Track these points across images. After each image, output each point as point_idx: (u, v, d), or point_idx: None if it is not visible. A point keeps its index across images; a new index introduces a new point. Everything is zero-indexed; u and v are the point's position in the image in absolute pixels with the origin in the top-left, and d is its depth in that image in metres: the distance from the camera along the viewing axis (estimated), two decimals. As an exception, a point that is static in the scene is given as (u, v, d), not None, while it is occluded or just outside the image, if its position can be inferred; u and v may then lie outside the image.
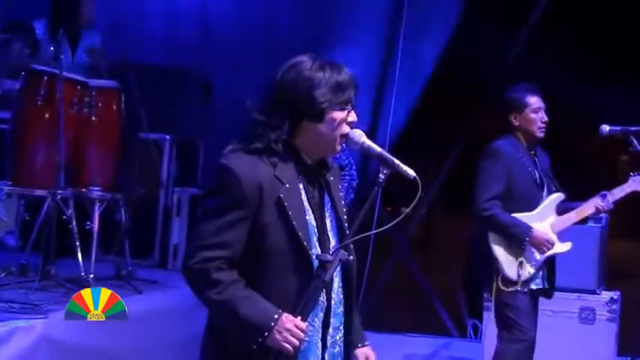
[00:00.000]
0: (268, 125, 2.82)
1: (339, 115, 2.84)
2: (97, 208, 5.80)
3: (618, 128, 4.81)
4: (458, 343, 7.47)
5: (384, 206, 8.54)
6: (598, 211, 5.06)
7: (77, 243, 5.68)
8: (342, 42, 7.35)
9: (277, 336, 2.71)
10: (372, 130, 7.98)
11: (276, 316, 2.72)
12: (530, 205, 5.08)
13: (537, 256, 5.02)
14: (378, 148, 2.89)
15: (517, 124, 5.11)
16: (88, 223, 5.78)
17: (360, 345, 3.01)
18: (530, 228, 4.98)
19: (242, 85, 7.17)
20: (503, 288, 4.98)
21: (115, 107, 5.92)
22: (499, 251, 5.01)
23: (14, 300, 4.96)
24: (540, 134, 5.11)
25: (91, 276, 5.65)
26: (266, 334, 2.71)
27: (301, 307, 2.75)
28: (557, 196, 5.11)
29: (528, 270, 5.01)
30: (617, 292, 6.41)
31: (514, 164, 5.04)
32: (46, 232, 5.60)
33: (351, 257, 2.87)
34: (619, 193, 4.99)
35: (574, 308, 6.33)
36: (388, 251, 8.90)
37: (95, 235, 5.79)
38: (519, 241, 4.97)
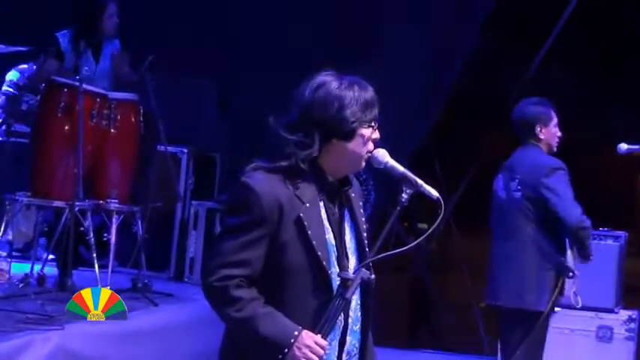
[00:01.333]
0: (297, 144, 2.81)
1: (367, 132, 2.85)
2: (114, 220, 5.81)
3: (637, 147, 4.79)
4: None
5: (401, 222, 8.53)
6: None
7: (94, 255, 5.70)
8: (363, 57, 7.33)
9: (297, 352, 2.71)
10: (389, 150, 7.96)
11: (296, 333, 2.72)
12: None
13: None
14: (401, 168, 2.89)
15: (542, 137, 5.11)
16: (106, 234, 5.80)
17: None
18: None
19: (259, 99, 7.18)
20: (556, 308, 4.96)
21: (133, 119, 5.95)
22: (574, 267, 4.98)
23: (31, 311, 4.97)
24: (556, 149, 5.14)
25: (108, 287, 5.65)
26: (286, 350, 2.71)
27: (322, 325, 2.75)
28: None
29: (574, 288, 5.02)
30: (636, 311, 6.38)
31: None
32: (63, 243, 5.62)
33: (372, 276, 2.85)
34: None
35: (591, 327, 6.30)
36: (404, 267, 8.89)
37: (112, 246, 5.80)
38: (589, 255, 4.95)
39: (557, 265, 4.90)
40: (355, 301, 2.88)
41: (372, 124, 2.86)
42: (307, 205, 2.80)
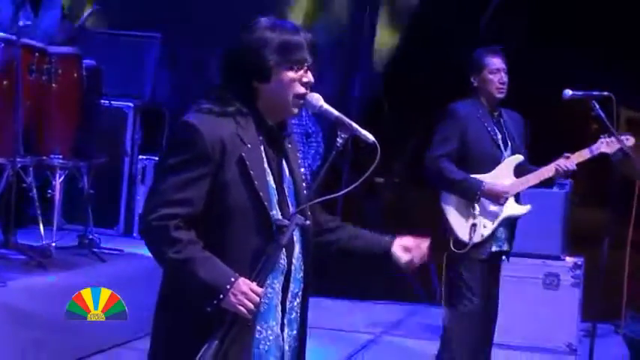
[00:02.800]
0: (227, 88, 2.82)
1: (288, 74, 2.81)
2: (58, 175, 5.74)
3: (580, 93, 4.78)
4: (427, 309, 7.47)
5: (357, 176, 8.52)
6: (558, 173, 4.95)
7: (38, 211, 5.64)
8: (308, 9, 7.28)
9: (232, 299, 2.68)
10: (340, 98, 7.93)
11: (232, 279, 2.69)
12: (489, 165, 5.02)
13: (494, 208, 4.95)
14: (335, 112, 2.85)
15: (476, 84, 5.09)
16: (50, 191, 5.73)
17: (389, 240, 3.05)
18: (481, 181, 4.93)
19: (207, 52, 7.10)
20: (454, 250, 4.93)
21: (75, 74, 5.85)
22: (450, 211, 4.98)
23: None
24: (499, 95, 5.08)
25: (53, 244, 5.62)
26: (221, 296, 2.68)
27: (258, 270, 2.72)
28: (515, 158, 5.05)
29: (481, 233, 4.95)
30: (581, 258, 6.45)
31: (470, 124, 5.00)
32: (4, 201, 5.54)
33: (308, 222, 2.83)
34: (585, 154, 4.92)
35: (538, 274, 6.36)
36: (360, 221, 8.90)
37: (57, 203, 5.74)
38: (472, 194, 4.90)
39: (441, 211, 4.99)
40: (298, 248, 2.87)
41: (296, 66, 2.81)
42: (249, 145, 2.78)
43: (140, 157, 7.03)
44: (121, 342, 5.51)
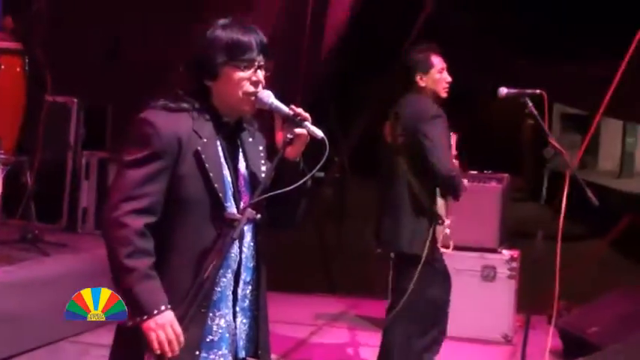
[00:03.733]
0: (181, 85, 2.92)
1: (236, 73, 2.90)
2: (0, 170, 5.73)
3: (515, 90, 4.91)
4: (368, 301, 7.58)
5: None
6: None
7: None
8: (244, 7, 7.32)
9: (151, 325, 2.76)
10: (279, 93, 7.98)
11: (162, 308, 2.77)
12: None
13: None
14: (286, 109, 2.92)
15: (423, 84, 5.15)
16: (-9, 186, 5.72)
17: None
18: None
19: (151, 48, 7.13)
20: (443, 250, 5.04)
21: (18, 69, 5.85)
22: (444, 214, 5.05)
23: None
24: (445, 94, 5.18)
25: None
26: (145, 317, 2.76)
27: (209, 262, 2.80)
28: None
29: (448, 231, 5.12)
30: (517, 251, 6.62)
31: (447, 125, 5.11)
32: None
33: (258, 216, 2.91)
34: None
35: (476, 266, 6.51)
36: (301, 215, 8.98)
37: (-1, 198, 5.73)
38: (460, 196, 5.00)
39: (429, 213, 5.02)
40: (249, 238, 2.96)
41: (243, 65, 2.90)
42: (205, 140, 2.87)
43: (84, 152, 7.03)
44: (65, 336, 5.53)
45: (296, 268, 8.30)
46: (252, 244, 2.98)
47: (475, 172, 6.55)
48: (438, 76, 5.13)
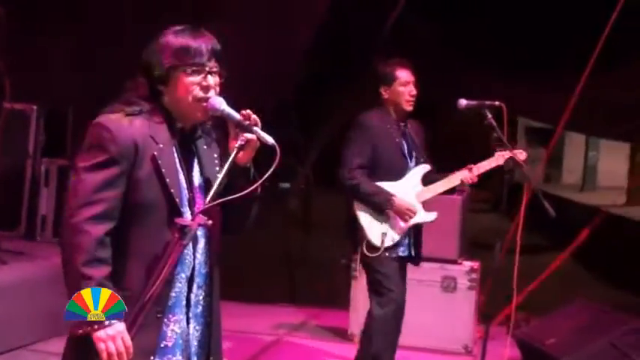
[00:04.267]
0: (134, 90, 2.91)
1: (186, 78, 2.89)
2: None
3: (474, 102, 4.95)
4: (329, 311, 7.58)
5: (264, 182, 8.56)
6: (463, 183, 5.25)
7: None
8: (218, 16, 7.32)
9: (102, 335, 2.74)
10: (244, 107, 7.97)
11: (114, 321, 2.75)
12: (397, 174, 5.21)
13: (401, 224, 5.16)
14: (237, 115, 2.91)
15: (386, 96, 5.22)
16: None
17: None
18: (391, 196, 5.11)
19: (113, 51, 7.08)
20: (367, 253, 5.12)
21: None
22: (364, 218, 5.14)
23: None
24: (409, 107, 5.23)
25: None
26: (95, 327, 2.74)
27: (160, 267, 2.78)
28: (423, 167, 5.26)
29: (392, 237, 5.14)
30: (477, 262, 6.65)
31: (380, 135, 5.15)
32: None
33: (210, 222, 2.90)
34: (485, 166, 5.17)
35: (437, 277, 6.53)
36: (266, 226, 8.96)
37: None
38: (381, 209, 5.11)
39: (353, 217, 5.14)
40: (203, 243, 2.95)
41: (191, 69, 2.89)
42: (161, 145, 2.87)
43: (43, 159, 6.97)
44: (23, 344, 5.48)
45: (259, 279, 8.28)
46: (205, 249, 2.97)
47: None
48: (401, 89, 5.19)
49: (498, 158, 5.11)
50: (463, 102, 4.98)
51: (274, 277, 8.78)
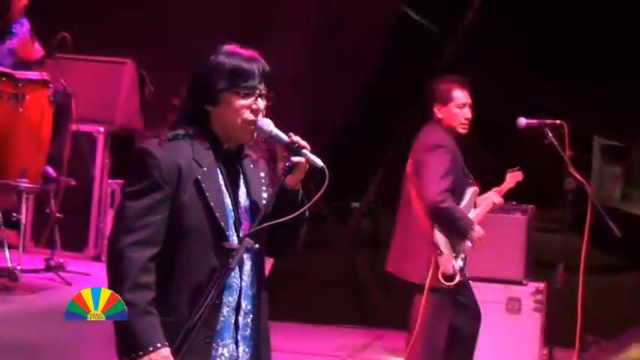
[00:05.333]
0: (181, 111, 2.91)
1: (236, 100, 2.89)
2: (24, 199, 5.77)
3: (535, 121, 4.88)
4: (393, 333, 7.50)
5: (331, 202, 8.57)
6: (495, 206, 5.17)
7: (4, 235, 5.67)
8: (279, 35, 7.36)
9: None
10: (312, 127, 8.00)
11: (158, 345, 2.75)
12: (461, 196, 5.13)
13: (466, 248, 5.07)
14: (285, 137, 2.91)
15: (440, 115, 5.13)
16: (15, 214, 5.76)
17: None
18: (472, 222, 5.03)
19: (179, 76, 7.15)
20: (443, 282, 4.96)
21: (43, 99, 5.89)
22: (443, 243, 5.01)
23: None
24: (462, 130, 5.13)
25: (19, 267, 5.63)
26: (140, 353, 2.74)
27: (208, 291, 2.78)
28: (476, 190, 5.20)
29: (459, 264, 5.05)
30: (543, 284, 6.52)
31: (453, 156, 5.06)
32: (-28, 223, 5.59)
33: (257, 245, 2.88)
34: (504, 188, 5.21)
35: (501, 298, 6.43)
36: (332, 245, 8.96)
37: (22, 226, 5.76)
38: (464, 234, 4.97)
39: (429, 242, 4.96)
40: (249, 266, 2.94)
41: (243, 93, 2.89)
42: (205, 169, 2.87)
43: (110, 181, 7.06)
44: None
45: (326, 300, 8.28)
46: (251, 272, 2.95)
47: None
48: (456, 110, 5.09)
49: (508, 181, 5.17)
50: (523, 121, 4.91)
51: (342, 298, 8.76)
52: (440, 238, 4.97)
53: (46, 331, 5.22)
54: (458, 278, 5.00)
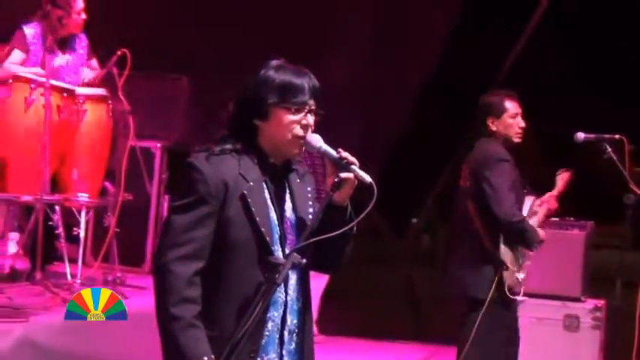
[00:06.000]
0: (228, 126, 2.94)
1: (287, 116, 2.91)
2: (83, 214, 5.86)
3: (593, 136, 4.83)
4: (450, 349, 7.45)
5: (384, 216, 8.56)
6: (551, 211, 5.12)
7: (64, 249, 5.76)
8: (331, 50, 7.39)
9: None
10: (366, 140, 8.00)
11: (205, 358, 2.77)
12: (520, 207, 5.11)
13: (528, 263, 5.04)
14: (334, 153, 2.92)
15: (494, 128, 5.12)
16: (75, 229, 5.85)
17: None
18: (537, 232, 5.01)
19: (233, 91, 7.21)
20: (510, 296, 4.93)
21: (102, 115, 5.99)
22: (509, 258, 4.98)
23: (-1, 305, 5.04)
24: (518, 139, 5.12)
25: (78, 281, 5.70)
26: None
27: (253, 306, 2.79)
28: (533, 199, 5.17)
29: (522, 277, 5.02)
30: (602, 301, 6.42)
31: (512, 169, 5.07)
32: (33, 238, 5.68)
33: (304, 260, 2.89)
34: (558, 191, 5.17)
35: (558, 315, 6.35)
36: (389, 261, 8.94)
37: (82, 241, 5.85)
38: (530, 246, 4.96)
39: (493, 258, 4.91)
40: (295, 280, 2.95)
41: (294, 108, 2.90)
42: (251, 183, 2.88)
43: (166, 196, 7.12)
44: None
45: (385, 315, 8.26)
46: (297, 286, 2.96)
47: (557, 218, 6.40)
48: (510, 120, 5.10)
49: (560, 183, 5.16)
50: (581, 135, 4.86)
51: (399, 313, 8.72)
52: (506, 253, 4.94)
53: (100, 344, 5.28)
54: (522, 293, 4.96)
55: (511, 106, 5.11)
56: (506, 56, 8.28)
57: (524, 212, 5.10)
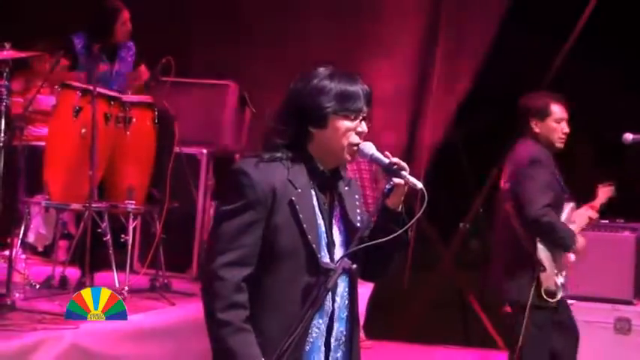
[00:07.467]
0: (280, 133, 2.91)
1: (344, 123, 2.90)
2: (131, 221, 5.90)
3: (641, 137, 4.75)
4: (498, 354, 7.40)
5: (432, 222, 8.51)
6: (591, 221, 5.10)
7: (112, 256, 5.80)
8: (375, 54, 7.37)
9: None
10: (409, 145, 7.96)
11: None
12: (559, 212, 5.05)
13: (568, 265, 4.97)
14: (386, 160, 2.92)
15: (537, 130, 5.08)
16: (123, 235, 5.89)
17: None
18: (574, 234, 4.95)
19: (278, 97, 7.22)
20: (548, 299, 4.89)
21: (148, 121, 6.03)
22: (547, 260, 4.93)
23: (48, 311, 5.07)
24: (560, 145, 5.08)
25: (126, 288, 5.74)
26: None
27: (303, 313, 2.79)
28: (574, 206, 5.10)
29: (561, 280, 4.96)
30: (655, 303, 6.34)
31: (551, 172, 5.01)
32: (82, 245, 5.73)
33: (354, 266, 2.88)
34: (597, 203, 5.14)
35: (609, 318, 6.27)
36: (438, 266, 8.88)
37: (129, 247, 5.88)
38: (567, 247, 4.90)
39: (531, 260, 4.86)
40: (342, 288, 2.94)
41: (352, 116, 2.90)
42: (299, 190, 2.88)
43: (212, 202, 7.14)
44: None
45: (432, 320, 8.22)
46: (345, 294, 2.94)
47: (606, 221, 6.33)
48: (554, 125, 5.05)
49: (601, 195, 5.14)
50: (629, 136, 4.78)
51: (448, 318, 8.67)
52: (543, 254, 4.88)
53: (149, 348, 5.31)
54: (560, 295, 4.90)
55: (557, 110, 5.06)
56: (554, 59, 8.20)
57: (563, 217, 5.04)
